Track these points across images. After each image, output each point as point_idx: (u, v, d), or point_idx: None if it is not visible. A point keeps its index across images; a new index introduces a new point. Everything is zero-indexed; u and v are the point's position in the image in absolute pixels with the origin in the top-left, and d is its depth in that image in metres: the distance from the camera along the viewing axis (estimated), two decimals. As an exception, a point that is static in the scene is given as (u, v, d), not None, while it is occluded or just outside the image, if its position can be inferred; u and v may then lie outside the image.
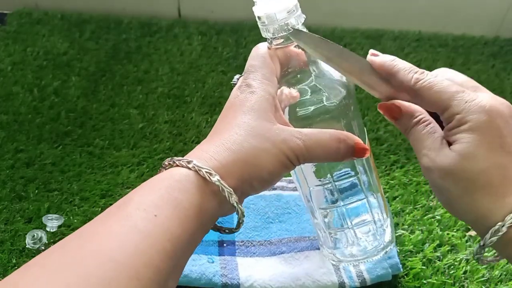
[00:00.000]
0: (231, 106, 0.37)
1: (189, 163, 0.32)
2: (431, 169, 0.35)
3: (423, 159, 0.36)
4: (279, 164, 0.34)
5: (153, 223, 0.29)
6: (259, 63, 0.38)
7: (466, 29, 0.97)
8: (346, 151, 0.37)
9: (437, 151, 0.36)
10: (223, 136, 0.35)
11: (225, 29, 0.97)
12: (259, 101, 0.36)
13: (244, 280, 0.53)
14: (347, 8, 0.97)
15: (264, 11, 0.38)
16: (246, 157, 0.34)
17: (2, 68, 0.85)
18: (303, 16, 0.39)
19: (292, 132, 0.35)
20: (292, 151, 0.35)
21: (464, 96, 0.35)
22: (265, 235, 0.59)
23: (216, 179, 0.32)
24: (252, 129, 0.35)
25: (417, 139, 0.37)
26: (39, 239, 0.58)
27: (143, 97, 0.80)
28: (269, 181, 0.35)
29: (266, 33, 0.39)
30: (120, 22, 0.98)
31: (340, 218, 0.46)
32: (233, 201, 0.33)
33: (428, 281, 0.55)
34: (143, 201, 0.31)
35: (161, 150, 0.71)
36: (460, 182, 0.34)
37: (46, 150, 0.70)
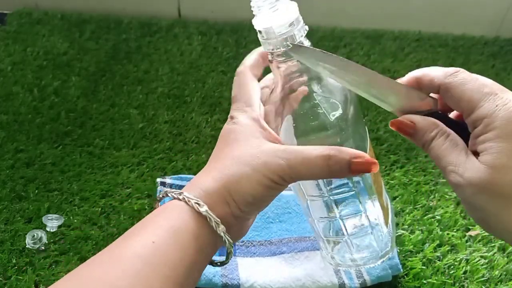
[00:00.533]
0: (219, 139, 0.38)
1: (180, 195, 0.34)
2: (462, 186, 0.33)
3: (450, 176, 0.33)
4: (262, 187, 0.34)
5: (152, 249, 0.31)
6: (238, 93, 0.40)
7: (466, 29, 0.97)
8: (339, 168, 0.34)
9: (464, 165, 0.33)
10: (209, 167, 0.36)
11: (225, 29, 0.97)
12: (241, 130, 0.37)
13: (244, 281, 0.53)
14: (347, 8, 0.97)
15: (263, 26, 0.37)
16: (228, 184, 0.34)
17: (2, 68, 0.85)
18: (305, 28, 0.37)
19: (276, 153, 0.35)
20: (275, 172, 0.34)
21: (496, 99, 0.33)
22: (265, 235, 0.59)
23: (204, 210, 0.33)
24: (234, 158, 0.36)
25: (439, 155, 0.34)
26: (39, 239, 0.58)
27: (143, 97, 0.80)
28: (256, 204, 0.35)
29: (267, 46, 0.38)
30: (120, 22, 0.98)
31: (338, 229, 0.45)
32: (220, 231, 0.34)
33: (428, 281, 0.55)
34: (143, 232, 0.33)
35: (161, 150, 0.71)
36: (495, 198, 0.31)
37: (46, 150, 0.70)
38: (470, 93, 0.33)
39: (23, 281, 0.54)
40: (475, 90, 0.33)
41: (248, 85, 0.40)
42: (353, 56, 0.91)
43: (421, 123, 0.35)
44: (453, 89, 0.34)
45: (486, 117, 0.32)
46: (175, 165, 0.67)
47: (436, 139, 0.35)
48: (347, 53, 0.91)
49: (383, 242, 0.46)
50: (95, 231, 0.59)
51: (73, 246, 0.58)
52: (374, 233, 0.45)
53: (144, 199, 0.64)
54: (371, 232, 0.45)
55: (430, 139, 0.35)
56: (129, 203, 0.63)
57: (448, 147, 0.34)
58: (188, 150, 0.70)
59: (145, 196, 0.64)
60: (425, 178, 0.67)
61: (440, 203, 0.64)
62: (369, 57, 0.91)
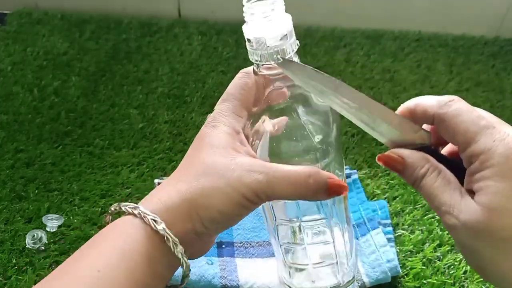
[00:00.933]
0: (195, 140, 0.35)
1: (135, 209, 0.31)
2: (457, 228, 0.30)
3: (445, 218, 0.31)
4: (233, 204, 0.31)
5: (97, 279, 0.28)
6: (234, 92, 0.36)
7: (466, 29, 0.97)
8: (317, 187, 0.32)
9: (459, 206, 0.30)
10: (176, 175, 0.33)
11: (225, 29, 0.97)
12: (219, 136, 0.33)
13: (243, 282, 0.53)
14: (347, 8, 0.97)
15: (254, 35, 0.34)
16: (193, 197, 0.31)
17: (2, 68, 0.85)
18: (296, 43, 0.35)
19: (253, 167, 0.31)
20: (250, 188, 0.31)
21: (494, 133, 0.30)
22: (263, 236, 0.59)
23: (161, 228, 0.30)
24: (206, 167, 0.32)
25: (431, 194, 0.32)
26: (39, 239, 0.58)
27: (143, 97, 0.80)
28: (223, 222, 0.32)
29: (254, 56, 0.35)
30: (120, 22, 0.98)
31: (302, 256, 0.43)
32: (177, 252, 0.31)
33: (428, 281, 0.55)
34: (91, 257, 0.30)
35: (161, 150, 0.71)
36: (493, 243, 0.29)
37: (46, 150, 0.70)
38: (466, 125, 0.30)
39: (23, 281, 0.54)
40: (471, 122, 0.30)
41: (246, 90, 0.36)
42: (353, 56, 0.91)
43: (411, 158, 0.33)
44: (447, 121, 0.31)
45: (483, 153, 0.29)
46: (175, 165, 0.67)
47: (427, 176, 0.32)
48: (347, 53, 0.91)
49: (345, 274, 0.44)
50: (95, 231, 0.59)
51: (73, 246, 0.58)
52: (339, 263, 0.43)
53: (144, 199, 0.64)
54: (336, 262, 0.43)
55: (421, 176, 0.32)
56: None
57: (441, 185, 0.32)
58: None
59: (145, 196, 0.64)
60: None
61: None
62: (369, 57, 0.91)
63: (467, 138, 0.30)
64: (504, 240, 0.29)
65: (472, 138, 0.30)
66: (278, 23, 0.33)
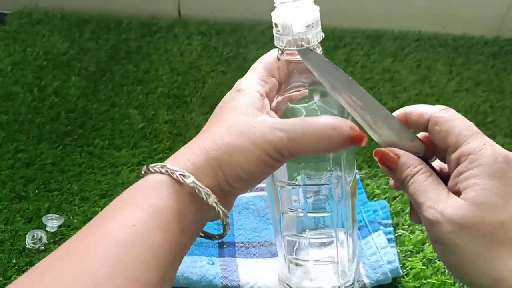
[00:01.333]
0: (218, 106, 0.36)
1: (162, 168, 0.31)
2: (439, 223, 0.31)
3: (427, 212, 0.32)
4: (256, 161, 0.32)
5: (132, 234, 0.28)
6: (259, 65, 0.37)
7: (466, 29, 0.97)
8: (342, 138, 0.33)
9: (445, 202, 0.31)
10: (202, 136, 0.33)
11: (225, 29, 0.97)
12: (243, 99, 0.34)
13: (244, 282, 0.53)
14: (347, 8, 0.97)
15: (282, 19, 0.35)
16: (219, 155, 0.31)
17: (2, 68, 0.85)
18: (321, 34, 0.36)
19: (275, 124, 0.32)
20: (272, 144, 0.31)
21: (484, 139, 0.32)
22: (265, 236, 0.59)
23: (191, 181, 0.30)
24: (230, 127, 0.32)
25: (418, 190, 0.33)
26: (39, 239, 0.58)
27: (143, 97, 0.80)
28: (247, 180, 0.33)
29: (279, 42, 0.36)
30: (120, 22, 0.98)
31: (303, 251, 0.43)
32: (211, 202, 0.31)
33: (428, 281, 0.55)
34: (121, 213, 0.29)
35: (161, 150, 0.71)
36: (476, 237, 0.30)
37: (46, 150, 0.70)
38: (459, 129, 0.33)
39: (23, 281, 0.54)
40: (464, 127, 0.33)
41: (272, 64, 0.37)
42: (353, 56, 0.91)
43: (405, 157, 0.34)
44: (442, 123, 0.34)
45: (473, 153, 0.31)
46: (175, 165, 0.67)
47: (419, 175, 0.34)
48: (347, 53, 0.91)
49: (346, 276, 0.44)
50: (95, 231, 0.59)
51: (73, 246, 0.58)
52: (339, 263, 0.44)
53: (144, 199, 0.64)
54: (337, 262, 0.43)
55: (412, 174, 0.34)
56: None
57: (429, 184, 0.33)
58: (188, 150, 0.70)
59: (145, 196, 0.64)
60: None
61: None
62: (369, 57, 0.91)
63: (459, 139, 0.32)
64: (487, 234, 0.30)
65: (464, 140, 0.32)
66: (305, 11, 0.35)
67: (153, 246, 0.28)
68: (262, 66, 0.37)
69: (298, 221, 0.42)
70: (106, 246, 0.27)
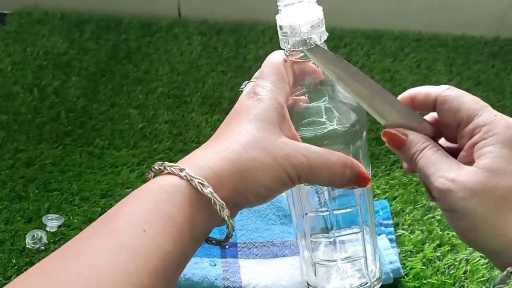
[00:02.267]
0: (236, 112, 0.35)
1: (181, 171, 0.30)
2: (451, 191, 0.32)
3: (438, 182, 0.33)
4: (278, 181, 0.32)
5: (142, 239, 0.27)
6: (269, 70, 0.36)
7: (466, 29, 0.97)
8: (350, 178, 0.34)
9: (456, 171, 0.32)
10: (222, 143, 0.32)
11: (225, 29, 0.97)
12: (266, 110, 0.34)
13: (246, 284, 0.53)
14: (347, 8, 0.97)
15: (288, 22, 0.35)
16: (243, 169, 0.31)
17: (2, 68, 0.85)
18: (326, 33, 0.37)
19: (298, 148, 0.33)
20: (294, 168, 0.32)
21: (493, 111, 0.33)
22: (267, 236, 0.58)
23: (208, 191, 0.30)
24: (254, 140, 0.32)
25: (428, 163, 0.34)
26: (39, 239, 0.58)
27: (143, 97, 0.80)
28: (265, 197, 0.33)
29: (285, 44, 0.36)
30: (120, 22, 0.98)
31: (331, 250, 0.43)
32: (224, 215, 0.31)
33: (428, 281, 0.55)
34: (131, 215, 0.29)
35: (161, 150, 0.71)
36: (490, 202, 0.31)
37: (46, 150, 0.70)
38: (469, 104, 0.34)
39: (23, 281, 0.54)
40: (473, 102, 0.34)
41: (282, 67, 0.36)
42: (353, 56, 0.91)
43: (413, 135, 0.36)
44: (451, 100, 0.35)
45: (486, 124, 0.33)
46: (175, 165, 0.67)
47: (427, 149, 0.35)
48: (347, 53, 0.91)
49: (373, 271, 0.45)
50: (95, 231, 0.59)
51: (73, 246, 0.58)
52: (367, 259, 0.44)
53: (144, 199, 0.64)
54: (365, 257, 0.44)
55: (421, 149, 0.35)
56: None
57: (439, 156, 0.34)
58: (188, 150, 0.70)
59: (145, 196, 0.64)
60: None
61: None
62: (369, 57, 0.91)
63: (470, 113, 0.33)
64: (500, 199, 0.31)
65: (475, 114, 0.33)
66: (310, 11, 0.36)
67: (163, 253, 0.28)
68: (274, 71, 0.36)
69: (322, 220, 0.42)
70: (113, 249, 0.27)
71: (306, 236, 0.44)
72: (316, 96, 0.38)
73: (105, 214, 0.30)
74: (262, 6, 0.97)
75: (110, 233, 0.28)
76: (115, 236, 0.28)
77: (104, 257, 0.26)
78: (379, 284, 0.45)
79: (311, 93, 0.38)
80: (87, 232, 0.29)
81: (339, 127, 0.37)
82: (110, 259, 0.26)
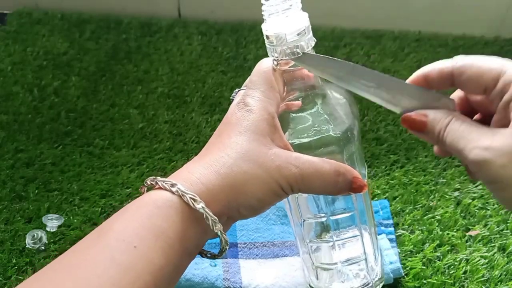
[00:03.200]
0: (227, 123, 0.34)
1: (173, 187, 0.30)
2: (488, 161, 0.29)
3: (472, 154, 0.29)
4: (270, 193, 0.32)
5: (133, 255, 0.27)
6: (259, 79, 0.35)
7: (466, 29, 0.97)
8: (344, 186, 0.34)
9: (490, 137, 0.29)
10: (213, 157, 0.32)
11: (225, 29, 0.97)
12: (256, 121, 0.33)
13: (246, 284, 0.53)
14: (347, 8, 0.97)
15: (274, 31, 0.35)
16: (235, 183, 0.31)
17: (2, 68, 0.85)
18: (313, 40, 0.36)
19: (289, 159, 0.32)
20: (286, 179, 0.32)
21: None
22: (267, 236, 0.58)
23: (200, 206, 0.30)
24: (245, 153, 0.32)
25: (456, 137, 0.31)
26: (39, 239, 0.58)
27: (143, 97, 0.80)
28: (258, 209, 0.33)
29: (273, 53, 0.36)
30: (120, 22, 0.98)
31: (331, 254, 0.43)
32: (217, 230, 0.31)
33: (428, 281, 0.55)
34: (122, 230, 0.29)
35: (161, 150, 0.71)
36: None
37: (46, 150, 0.70)
38: (488, 65, 0.31)
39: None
40: (492, 62, 0.31)
41: (271, 75, 0.36)
42: (353, 56, 0.91)
43: (433, 114, 0.32)
44: (469, 69, 0.31)
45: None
46: (175, 165, 0.67)
47: (452, 123, 0.31)
48: (347, 53, 0.91)
49: (374, 272, 0.45)
50: (95, 231, 0.59)
51: (73, 246, 0.58)
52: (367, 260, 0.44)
53: (144, 199, 0.64)
54: (365, 259, 0.44)
55: (445, 125, 0.31)
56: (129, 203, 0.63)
57: (467, 127, 0.31)
58: (188, 150, 0.70)
59: (145, 196, 0.64)
60: (425, 178, 0.67)
61: (440, 203, 0.64)
62: (369, 57, 0.91)
63: (493, 73, 0.30)
64: None
65: (499, 72, 0.30)
66: (295, 19, 0.35)
67: (154, 269, 0.28)
68: (263, 80, 0.35)
69: (321, 226, 0.42)
70: (105, 264, 0.27)
71: (306, 241, 0.44)
72: (308, 103, 0.38)
73: (99, 227, 0.30)
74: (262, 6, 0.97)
75: (102, 248, 0.28)
76: (107, 251, 0.28)
77: (97, 272, 0.27)
78: (381, 283, 0.45)
79: (302, 100, 0.38)
80: (81, 245, 0.29)
81: (332, 133, 0.36)
82: (102, 274, 0.26)
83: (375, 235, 0.45)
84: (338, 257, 0.44)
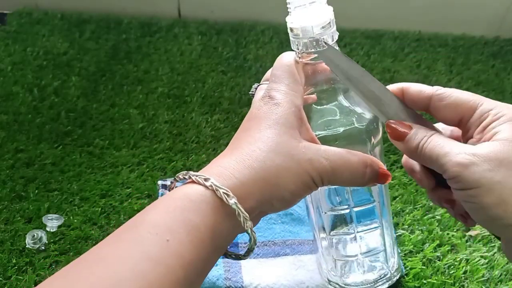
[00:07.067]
0: (254, 117, 0.34)
1: (207, 181, 0.30)
2: (475, 164, 0.30)
3: (458, 157, 0.31)
4: (302, 185, 0.32)
5: (165, 249, 0.28)
6: (282, 72, 0.36)
7: (466, 29, 0.97)
8: (371, 177, 0.35)
9: (473, 147, 0.31)
10: (244, 151, 0.32)
11: (225, 29, 0.97)
12: (285, 114, 0.33)
13: (247, 283, 0.53)
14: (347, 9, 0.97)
15: (300, 23, 0.35)
16: (268, 176, 0.31)
17: (2, 68, 0.85)
18: (337, 33, 0.37)
19: (319, 152, 0.33)
20: (317, 171, 0.32)
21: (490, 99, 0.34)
22: (268, 236, 0.58)
23: (233, 202, 0.30)
24: (277, 146, 0.32)
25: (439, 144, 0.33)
26: (39, 239, 0.58)
27: (143, 97, 0.80)
28: (290, 202, 0.33)
29: (297, 46, 0.36)
30: (120, 22, 0.98)
31: (352, 246, 0.44)
32: (247, 227, 0.31)
33: (428, 281, 0.55)
34: (155, 223, 0.29)
35: (161, 150, 0.71)
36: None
37: (46, 150, 0.70)
38: (466, 97, 0.34)
39: (23, 281, 0.54)
40: (469, 95, 0.34)
41: (294, 68, 0.36)
42: (353, 56, 0.91)
43: (417, 125, 0.35)
44: (448, 97, 0.35)
45: (493, 108, 0.33)
46: (175, 165, 0.67)
47: (436, 135, 0.34)
48: (347, 53, 0.91)
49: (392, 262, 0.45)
50: (95, 231, 0.59)
51: (73, 246, 0.58)
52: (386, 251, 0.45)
53: (144, 199, 0.64)
54: (384, 250, 0.44)
55: (428, 136, 0.34)
56: (129, 203, 0.63)
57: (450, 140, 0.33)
58: (188, 150, 0.70)
59: (145, 196, 0.64)
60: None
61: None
62: (369, 57, 0.91)
63: (471, 105, 0.34)
64: None
65: (477, 104, 0.33)
66: (320, 12, 0.35)
67: (185, 263, 0.28)
68: (287, 74, 0.36)
69: (343, 218, 0.43)
70: (137, 258, 0.27)
71: (327, 234, 0.44)
72: (331, 96, 0.38)
73: (131, 220, 0.30)
74: (262, 6, 0.98)
75: (135, 241, 0.28)
76: (139, 244, 0.28)
77: (128, 264, 0.27)
78: (398, 274, 0.46)
79: (326, 93, 0.38)
80: (113, 238, 0.29)
81: (358, 126, 0.37)
82: (133, 267, 0.27)
83: (392, 228, 0.45)
84: (359, 249, 0.44)
